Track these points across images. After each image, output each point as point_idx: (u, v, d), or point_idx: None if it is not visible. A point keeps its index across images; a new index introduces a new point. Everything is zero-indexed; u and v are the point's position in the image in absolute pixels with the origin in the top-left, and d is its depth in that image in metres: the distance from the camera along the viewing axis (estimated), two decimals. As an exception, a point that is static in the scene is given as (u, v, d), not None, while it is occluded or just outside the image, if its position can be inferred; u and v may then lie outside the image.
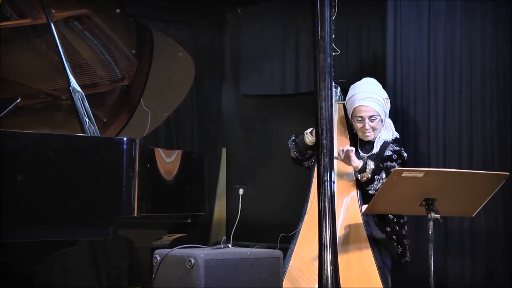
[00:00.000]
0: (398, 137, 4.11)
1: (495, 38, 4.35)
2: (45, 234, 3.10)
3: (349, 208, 3.87)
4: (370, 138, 4.04)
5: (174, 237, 4.63)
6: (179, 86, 4.59)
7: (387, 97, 4.07)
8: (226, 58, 6.00)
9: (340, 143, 4.02)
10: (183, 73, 4.53)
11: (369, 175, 3.84)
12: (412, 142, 4.54)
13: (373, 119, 3.99)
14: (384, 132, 4.07)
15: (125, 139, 3.36)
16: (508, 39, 4.30)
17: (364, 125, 3.99)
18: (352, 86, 4.12)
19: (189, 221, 4.70)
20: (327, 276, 2.72)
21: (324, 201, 2.78)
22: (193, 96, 5.62)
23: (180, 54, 4.46)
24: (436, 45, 4.53)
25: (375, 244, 3.76)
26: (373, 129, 4.01)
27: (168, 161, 4.11)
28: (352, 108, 4.01)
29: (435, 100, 4.51)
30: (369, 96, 3.99)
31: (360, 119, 4.00)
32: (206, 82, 5.78)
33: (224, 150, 5.87)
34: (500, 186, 3.36)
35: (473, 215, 3.52)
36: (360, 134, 4.06)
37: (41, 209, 3.05)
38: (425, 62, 4.55)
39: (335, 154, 3.73)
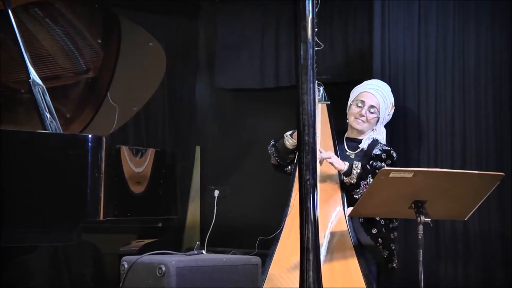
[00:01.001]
0: (386, 146, 4.12)
1: (490, 35, 4.39)
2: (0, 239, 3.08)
3: (333, 212, 3.89)
4: (360, 127, 4.08)
5: (143, 243, 4.62)
6: (149, 79, 4.58)
7: (394, 106, 4.13)
8: (200, 49, 5.99)
9: (324, 145, 4.04)
10: (153, 65, 4.52)
11: (355, 180, 3.86)
12: (402, 142, 4.57)
13: (372, 112, 4.05)
14: (375, 135, 4.11)
15: (90, 136, 3.36)
16: (504, 36, 4.35)
17: (361, 111, 4.04)
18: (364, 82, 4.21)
19: (160, 225, 4.68)
20: (309, 283, 2.72)
21: (306, 202, 2.78)
22: (164, 90, 5.60)
23: (150, 44, 4.45)
24: (427, 40, 4.57)
25: (361, 250, 3.78)
26: (367, 120, 4.06)
27: (138, 160, 4.10)
28: (359, 92, 4.09)
29: (426, 98, 4.55)
30: (380, 90, 4.10)
31: (360, 104, 4.05)
32: (178, 74, 5.77)
33: (198, 148, 5.86)
34: (494, 187, 3.39)
35: (466, 219, 3.55)
36: (351, 120, 4.09)
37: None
38: (415, 58, 4.59)
39: (317, 155, 3.74)
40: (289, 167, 4.16)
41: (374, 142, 4.07)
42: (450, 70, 4.50)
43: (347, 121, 4.15)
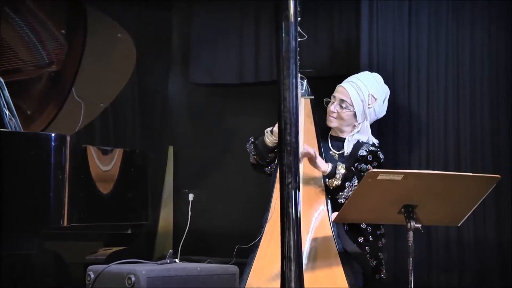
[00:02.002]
0: (375, 142, 4.13)
1: (486, 31, 4.42)
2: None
3: (316, 218, 3.89)
4: (333, 125, 4.08)
5: (111, 251, 4.60)
6: (118, 73, 4.56)
7: (377, 97, 4.07)
8: (174, 41, 5.97)
9: (307, 143, 4.03)
10: (122, 58, 4.51)
11: (339, 182, 3.86)
12: (391, 142, 4.58)
13: (343, 106, 4.03)
14: (358, 135, 4.10)
15: (53, 135, 3.34)
16: (501, 33, 4.38)
17: (330, 106, 4.05)
18: None
19: (130, 231, 4.67)
20: (291, 294, 2.72)
21: (288, 207, 2.77)
22: (134, 85, 5.58)
23: (119, 35, 4.43)
24: (418, 32, 4.58)
25: (346, 259, 3.78)
26: (339, 117, 4.05)
27: (105, 161, 4.08)
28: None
29: (417, 94, 4.57)
30: (353, 81, 4.06)
31: (333, 100, 4.06)
32: (150, 68, 5.75)
33: (171, 149, 5.85)
34: (490, 190, 3.40)
35: (459, 224, 3.57)
36: (326, 118, 4.10)
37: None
38: (406, 51, 4.60)
39: (301, 150, 3.73)
40: (269, 167, 4.16)
41: (359, 144, 4.07)
42: (443, 65, 4.52)
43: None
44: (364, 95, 4.03)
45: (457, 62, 4.49)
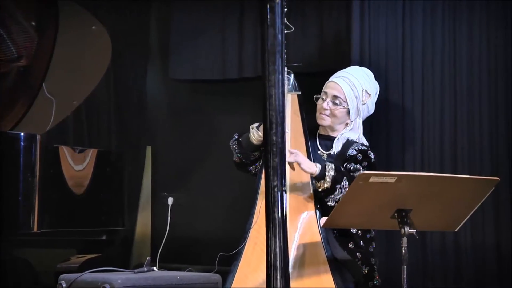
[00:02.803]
0: (364, 143, 4.13)
1: (485, 28, 4.44)
2: None
3: (304, 223, 3.89)
4: (325, 123, 4.07)
5: (84, 259, 4.59)
6: (92, 68, 4.55)
7: (370, 93, 4.07)
8: (152, 34, 5.97)
9: (294, 142, 4.03)
10: (97, 52, 4.50)
11: (329, 184, 3.86)
12: (384, 142, 4.59)
13: (336, 103, 4.02)
14: (349, 133, 4.10)
15: (22, 134, 3.32)
16: (499, 30, 4.40)
17: (322, 103, 4.04)
18: None
19: (104, 238, 4.66)
20: (276, 305, 2.72)
21: (274, 212, 2.77)
22: (109, 81, 5.56)
23: (94, 27, 4.42)
24: (412, 26, 4.60)
25: (336, 266, 3.78)
26: (332, 114, 4.04)
27: (78, 163, 4.07)
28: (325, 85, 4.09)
29: (411, 91, 4.58)
30: (345, 76, 4.05)
31: (324, 96, 4.05)
32: (126, 63, 5.74)
33: (149, 149, 5.84)
34: (489, 194, 3.41)
35: (456, 230, 3.57)
36: (317, 116, 4.09)
37: None
38: (399, 46, 4.61)
39: (287, 154, 3.73)
40: (253, 166, 4.15)
41: (349, 142, 4.07)
42: (439, 61, 4.54)
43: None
44: (358, 91, 4.03)
45: (454, 58, 4.51)
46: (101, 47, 4.49)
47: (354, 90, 4.03)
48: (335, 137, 4.09)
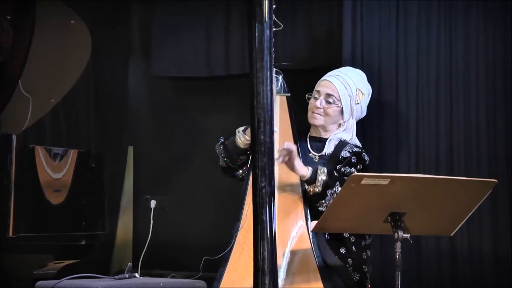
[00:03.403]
0: (357, 144, 4.14)
1: (483, 26, 4.47)
2: None
3: (293, 227, 3.89)
4: (318, 122, 4.08)
5: (63, 264, 4.58)
6: (71, 64, 4.54)
7: (364, 92, 4.10)
8: (134, 29, 5.96)
9: (283, 143, 4.03)
10: (76, 47, 4.49)
11: (320, 189, 3.87)
12: (377, 142, 4.60)
13: (330, 102, 4.04)
14: (342, 133, 4.11)
15: (-3, 133, 3.31)
16: (497, 28, 4.43)
17: (315, 102, 4.05)
18: None
19: (84, 242, 4.65)
20: (264, 312, 2.73)
21: (261, 214, 2.78)
22: (89, 78, 5.55)
23: (72, 22, 4.41)
24: (407, 23, 4.61)
25: (327, 273, 3.79)
26: (325, 113, 4.05)
27: (56, 164, 4.06)
28: (317, 84, 4.11)
29: (405, 91, 4.59)
30: (339, 75, 4.08)
31: (316, 95, 4.06)
32: (107, 59, 5.73)
33: (131, 149, 5.84)
34: (486, 196, 3.42)
35: (452, 234, 3.59)
36: (308, 115, 4.10)
37: None
38: (393, 43, 4.63)
39: (276, 155, 3.73)
40: (240, 171, 4.15)
41: (342, 143, 4.08)
42: (435, 59, 4.56)
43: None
44: (352, 90, 4.05)
45: (450, 58, 4.53)
46: (80, 43, 4.48)
47: (348, 88, 4.04)
48: (327, 139, 4.10)
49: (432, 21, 4.56)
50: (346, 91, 4.04)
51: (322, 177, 3.85)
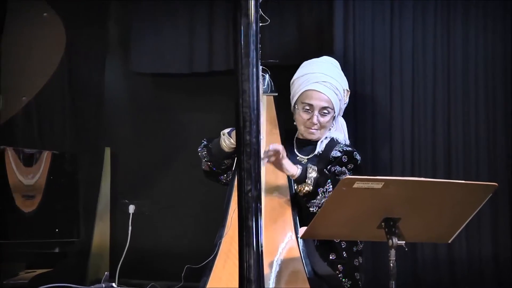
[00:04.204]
0: (347, 143, 4.14)
1: (482, 25, 4.49)
2: None
3: (281, 233, 3.90)
4: (315, 137, 4.09)
5: (35, 274, 4.56)
6: (44, 60, 4.52)
7: (348, 89, 4.12)
8: (112, 22, 5.94)
9: (270, 143, 4.03)
10: (49, 42, 4.47)
11: (311, 187, 3.87)
12: (370, 144, 4.61)
13: (325, 113, 4.04)
14: (334, 133, 4.12)
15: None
16: (498, 27, 4.46)
17: (311, 118, 4.03)
18: (306, 62, 4.18)
19: (57, 250, 4.64)
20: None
21: (247, 219, 2.78)
22: (64, 74, 5.54)
23: (45, 14, 4.40)
24: (402, 17, 4.62)
25: (316, 281, 3.79)
26: (322, 126, 4.06)
27: (28, 167, 4.05)
28: (301, 91, 4.06)
29: (400, 88, 4.61)
30: (328, 81, 4.04)
31: (308, 108, 4.04)
32: (82, 54, 5.71)
33: (107, 151, 5.82)
34: (486, 201, 3.43)
35: (450, 241, 3.59)
36: (301, 129, 4.10)
37: None
38: (387, 38, 4.64)
39: (262, 155, 3.72)
40: (225, 175, 4.15)
41: (332, 142, 4.09)
42: (431, 56, 4.58)
43: (295, 123, 4.15)
44: (341, 93, 4.07)
45: (448, 52, 4.55)
46: (54, 37, 4.47)
47: (338, 94, 4.06)
48: (316, 141, 4.10)
49: (428, 18, 4.58)
50: (337, 97, 4.05)
51: (312, 174, 3.86)
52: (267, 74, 4.21)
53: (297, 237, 3.85)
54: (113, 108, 5.90)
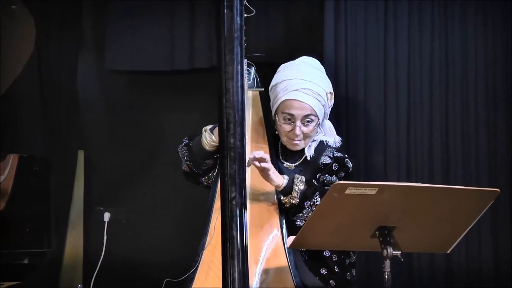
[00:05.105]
0: (339, 145, 4.14)
1: (481, 32, 4.53)
2: None
3: (268, 243, 3.89)
4: (299, 148, 4.07)
5: (2, 287, 4.55)
6: (12, 57, 4.51)
7: (332, 91, 4.08)
8: (85, 16, 5.93)
9: (256, 147, 4.03)
10: (17, 36, 4.46)
11: (297, 200, 3.86)
12: (363, 149, 4.61)
13: (308, 122, 4.01)
14: (323, 138, 4.11)
15: None
16: (498, 30, 4.48)
17: (293, 129, 4.01)
18: (283, 66, 4.15)
19: (26, 261, 4.63)
20: None
21: (231, 229, 2.78)
22: (33, 72, 5.52)
23: (13, 7, 4.38)
24: (396, 13, 4.63)
25: (306, 294, 3.80)
26: (305, 136, 4.04)
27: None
28: (280, 101, 4.03)
29: (394, 90, 4.63)
30: (309, 88, 4.01)
31: (289, 118, 4.02)
32: (53, 50, 5.69)
33: (81, 154, 5.80)
34: (487, 208, 3.43)
35: (449, 251, 3.60)
36: (284, 141, 4.09)
37: None
38: (382, 37, 4.65)
39: (247, 160, 3.72)
40: (206, 177, 4.14)
41: (322, 146, 4.07)
42: (428, 53, 4.58)
43: (276, 132, 4.13)
44: (323, 98, 4.03)
45: (446, 55, 4.58)
46: (23, 31, 4.45)
47: (320, 100, 4.01)
48: (303, 147, 4.09)
49: (424, 15, 4.59)
50: (320, 103, 4.02)
51: (299, 186, 3.85)
52: (253, 68, 4.19)
53: (284, 246, 3.84)
54: (86, 108, 5.87)
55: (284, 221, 3.91)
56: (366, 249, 3.65)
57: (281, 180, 3.86)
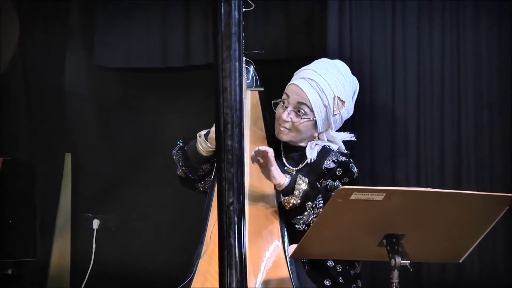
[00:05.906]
0: (343, 151, 4.14)
1: (496, 31, 4.55)
2: None
3: (268, 252, 3.89)
4: (285, 138, 4.05)
5: (-16, 298, 4.57)
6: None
7: (345, 99, 4.04)
8: (74, 10, 5.93)
9: (254, 146, 4.03)
10: (0, 32, 4.46)
11: (298, 201, 3.86)
12: (368, 152, 4.62)
13: (299, 112, 3.99)
14: (327, 143, 4.11)
15: None
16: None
17: (282, 113, 4.01)
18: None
19: (10, 272, 4.63)
20: None
21: (229, 236, 2.78)
22: (18, 69, 5.53)
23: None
24: (404, 14, 4.65)
25: (309, 306, 3.80)
26: (294, 127, 4.01)
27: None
28: (288, 85, 4.07)
29: (403, 91, 4.63)
30: (315, 80, 4.00)
31: (285, 102, 4.02)
32: (40, 47, 5.70)
33: (68, 157, 5.81)
34: (501, 215, 3.44)
35: (460, 261, 3.60)
36: (275, 127, 4.08)
37: None
38: (389, 33, 4.66)
39: (247, 160, 3.71)
40: (202, 182, 4.14)
41: (325, 150, 4.06)
42: (439, 52, 4.59)
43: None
44: (329, 99, 4.00)
45: (458, 52, 4.59)
46: (6, 26, 4.46)
47: (323, 98, 3.99)
48: (304, 147, 4.07)
49: (434, 13, 4.60)
50: (321, 101, 3.99)
51: (302, 186, 3.85)
52: (252, 67, 4.20)
53: (285, 256, 3.84)
54: (74, 108, 5.89)
55: (285, 228, 3.91)
56: (372, 259, 3.65)
57: (283, 179, 3.86)
